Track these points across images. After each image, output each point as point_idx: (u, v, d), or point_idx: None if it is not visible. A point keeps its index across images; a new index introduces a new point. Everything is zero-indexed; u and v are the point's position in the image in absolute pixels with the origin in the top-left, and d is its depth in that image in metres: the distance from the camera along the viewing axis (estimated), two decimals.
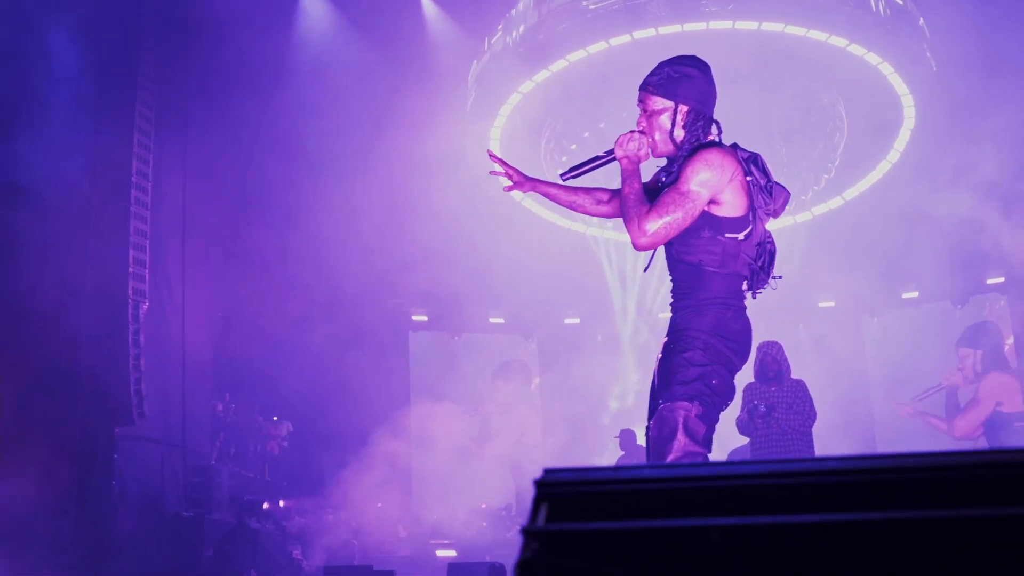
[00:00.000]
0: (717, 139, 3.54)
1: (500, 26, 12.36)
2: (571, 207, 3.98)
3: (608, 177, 4.67)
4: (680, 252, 3.49)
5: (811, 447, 7.28)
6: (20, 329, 9.16)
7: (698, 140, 3.48)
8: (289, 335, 13.28)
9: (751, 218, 3.43)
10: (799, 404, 7.21)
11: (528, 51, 11.72)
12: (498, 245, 13.90)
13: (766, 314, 14.73)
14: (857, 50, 11.23)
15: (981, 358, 7.23)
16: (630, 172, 3.46)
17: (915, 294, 15.32)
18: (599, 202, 3.95)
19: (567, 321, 16.92)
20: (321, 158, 13.03)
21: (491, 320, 16.64)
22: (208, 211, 12.20)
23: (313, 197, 13.41)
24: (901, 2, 11.39)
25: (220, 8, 11.44)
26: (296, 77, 12.86)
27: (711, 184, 3.32)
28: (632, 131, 3.52)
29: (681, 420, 3.28)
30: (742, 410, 7.47)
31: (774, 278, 3.56)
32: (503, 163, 3.96)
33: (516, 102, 12.45)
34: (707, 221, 3.39)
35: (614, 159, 3.54)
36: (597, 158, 3.64)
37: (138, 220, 10.23)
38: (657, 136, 3.52)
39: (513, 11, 12.20)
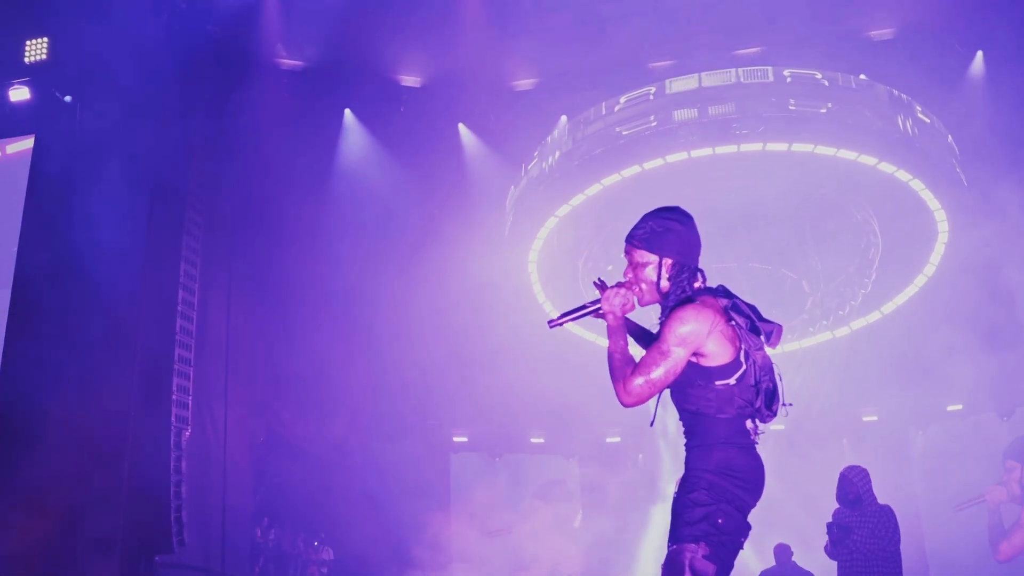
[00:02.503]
0: (703, 288, 3.62)
1: (536, 153, 12.65)
2: None
3: None
4: (680, 402, 3.63)
5: (898, 569, 7.08)
6: (64, 456, 9.25)
7: (683, 291, 3.58)
8: (330, 458, 13.27)
9: (742, 361, 3.51)
10: (881, 529, 7.05)
11: (563, 176, 11.95)
12: (537, 364, 13.89)
13: (809, 430, 14.72)
14: (887, 167, 11.35)
15: None
16: (614, 328, 3.59)
17: (959, 407, 15.07)
18: None
19: (608, 440, 16.78)
20: (363, 283, 13.22)
21: (532, 440, 16.55)
22: (251, 337, 12.37)
23: (353, 321, 13.57)
24: (928, 120, 11.52)
25: (264, 139, 11.85)
26: (337, 207, 13.18)
27: (689, 340, 3.43)
28: (619, 284, 3.64)
29: (687, 562, 3.34)
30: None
31: (784, 405, 3.61)
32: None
33: (553, 225, 12.66)
34: (698, 373, 3.50)
35: (601, 310, 3.64)
36: (584, 307, 3.71)
37: (183, 348, 10.40)
38: (644, 287, 3.63)
39: (548, 138, 12.50)
